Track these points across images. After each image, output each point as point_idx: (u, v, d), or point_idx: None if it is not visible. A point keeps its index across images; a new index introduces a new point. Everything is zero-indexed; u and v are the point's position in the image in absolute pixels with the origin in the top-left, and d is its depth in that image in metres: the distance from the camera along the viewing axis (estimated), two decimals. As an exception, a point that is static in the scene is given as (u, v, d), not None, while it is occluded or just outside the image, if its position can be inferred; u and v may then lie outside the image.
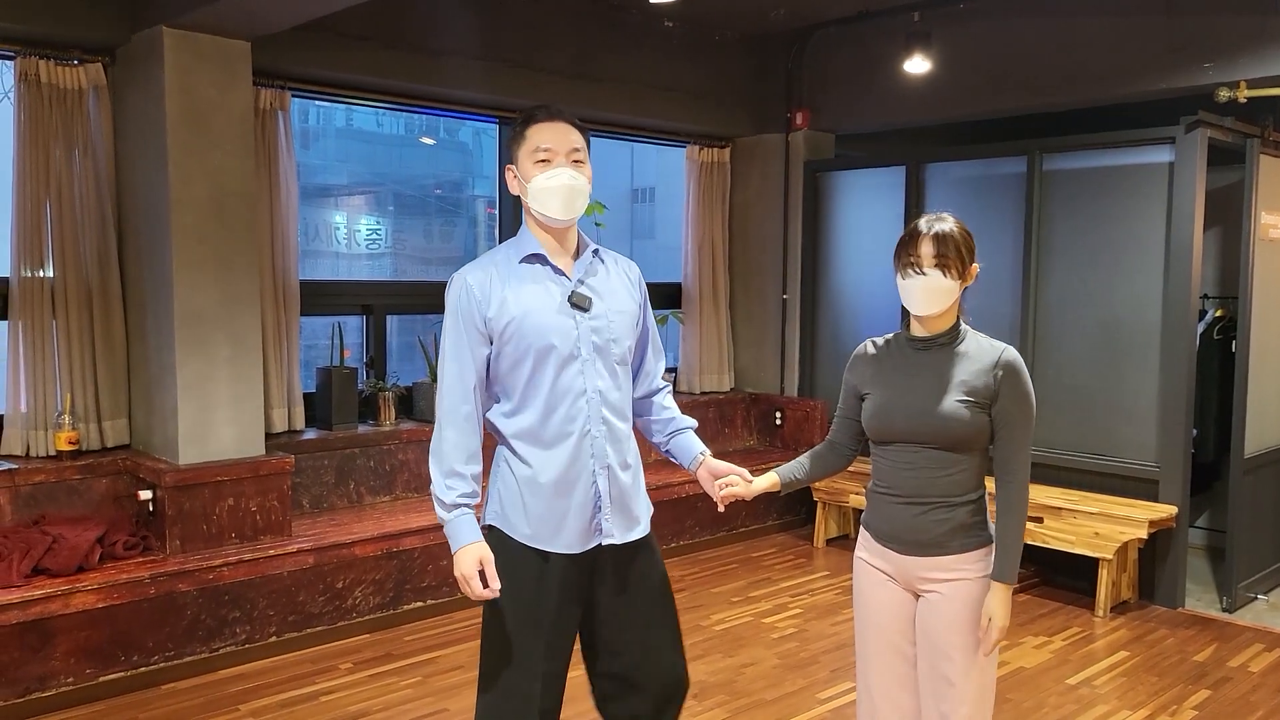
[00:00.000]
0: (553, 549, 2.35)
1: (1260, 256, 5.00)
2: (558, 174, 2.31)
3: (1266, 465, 5.26)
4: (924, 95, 5.89)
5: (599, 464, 2.36)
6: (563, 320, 2.33)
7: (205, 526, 4.20)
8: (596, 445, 2.36)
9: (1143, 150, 5.03)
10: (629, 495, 2.42)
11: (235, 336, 4.30)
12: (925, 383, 2.36)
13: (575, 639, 2.44)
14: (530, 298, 2.33)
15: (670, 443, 2.59)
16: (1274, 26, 4.64)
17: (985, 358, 2.35)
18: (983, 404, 2.32)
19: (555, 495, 2.34)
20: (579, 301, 2.35)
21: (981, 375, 2.33)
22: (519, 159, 2.36)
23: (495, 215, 6.17)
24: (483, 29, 5.29)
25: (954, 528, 2.34)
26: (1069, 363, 5.32)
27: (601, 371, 2.37)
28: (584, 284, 2.39)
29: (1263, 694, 4.02)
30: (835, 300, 6.47)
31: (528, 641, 2.34)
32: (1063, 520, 4.98)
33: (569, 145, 2.34)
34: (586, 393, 2.34)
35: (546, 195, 2.32)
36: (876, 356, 2.48)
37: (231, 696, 3.88)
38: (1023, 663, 4.32)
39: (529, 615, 2.34)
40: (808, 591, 5.22)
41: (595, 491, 2.36)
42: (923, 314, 2.37)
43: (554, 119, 2.35)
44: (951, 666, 2.35)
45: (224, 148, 4.21)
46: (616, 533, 2.39)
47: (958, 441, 2.32)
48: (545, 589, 2.34)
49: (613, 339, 2.39)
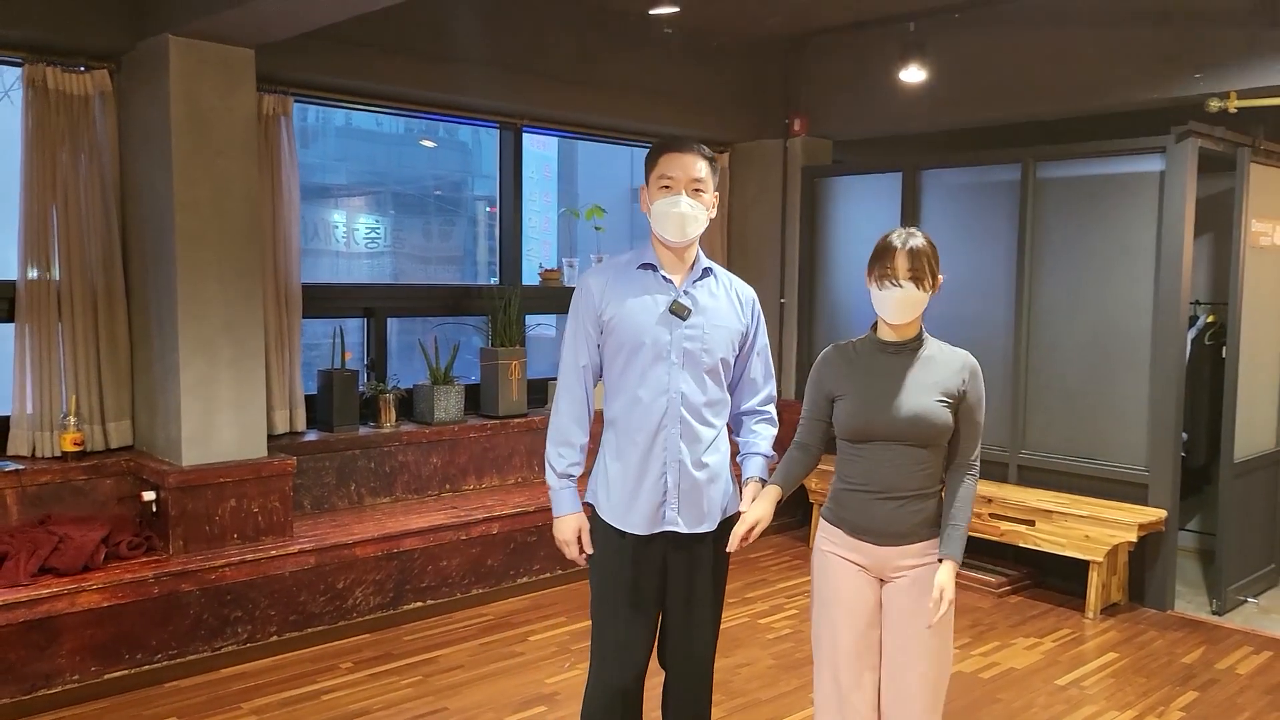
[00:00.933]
0: (625, 528, 2.62)
1: (1250, 263, 5.07)
2: (677, 202, 2.58)
3: (1256, 470, 5.32)
4: (920, 103, 5.96)
5: (671, 458, 2.60)
6: (659, 327, 2.59)
7: (208, 527, 4.26)
8: (670, 441, 2.60)
9: (1135, 159, 5.10)
10: (699, 492, 2.63)
11: (238, 339, 4.36)
12: (902, 385, 2.53)
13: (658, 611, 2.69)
14: (635, 300, 2.62)
15: (740, 460, 2.79)
16: (1264, 39, 4.71)
17: (953, 362, 2.57)
18: (954, 404, 2.54)
19: (629, 480, 2.61)
20: (678, 310, 2.60)
21: (952, 377, 2.55)
22: (649, 182, 2.64)
23: (496, 215, 6.22)
24: (484, 35, 5.35)
25: (925, 518, 2.56)
26: (1061, 367, 5.39)
27: (688, 376, 2.60)
28: (688, 295, 2.63)
29: (1250, 696, 4.09)
30: (832, 304, 6.54)
31: (610, 607, 2.65)
32: (1054, 523, 5.05)
33: (690, 176, 2.59)
34: (669, 392, 2.59)
35: (665, 220, 2.59)
36: (847, 360, 2.63)
37: (233, 695, 3.94)
38: (1013, 663, 4.38)
39: (612, 584, 2.65)
40: (803, 592, 5.28)
41: (664, 482, 2.60)
42: (897, 322, 2.55)
43: (682, 151, 2.61)
44: (920, 644, 2.54)
45: (227, 153, 4.27)
46: (681, 522, 2.62)
47: (932, 438, 2.52)
48: (623, 562, 2.63)
49: (705, 349, 2.61)
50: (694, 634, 2.70)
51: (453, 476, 5.38)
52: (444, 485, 5.35)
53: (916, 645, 2.54)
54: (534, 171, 9.93)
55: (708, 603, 2.72)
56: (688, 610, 2.68)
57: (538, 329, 6.17)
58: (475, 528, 4.90)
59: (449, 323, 5.81)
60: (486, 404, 5.64)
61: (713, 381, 2.65)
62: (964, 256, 5.71)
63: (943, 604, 2.47)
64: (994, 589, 5.30)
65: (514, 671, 4.21)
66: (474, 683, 4.09)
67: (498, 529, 4.98)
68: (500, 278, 6.11)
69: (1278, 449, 5.52)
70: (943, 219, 5.88)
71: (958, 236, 5.78)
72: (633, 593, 2.63)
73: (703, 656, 2.73)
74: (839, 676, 2.60)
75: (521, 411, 5.66)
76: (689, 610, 2.69)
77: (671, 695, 2.76)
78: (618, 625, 2.64)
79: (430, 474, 5.29)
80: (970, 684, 4.13)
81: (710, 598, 2.72)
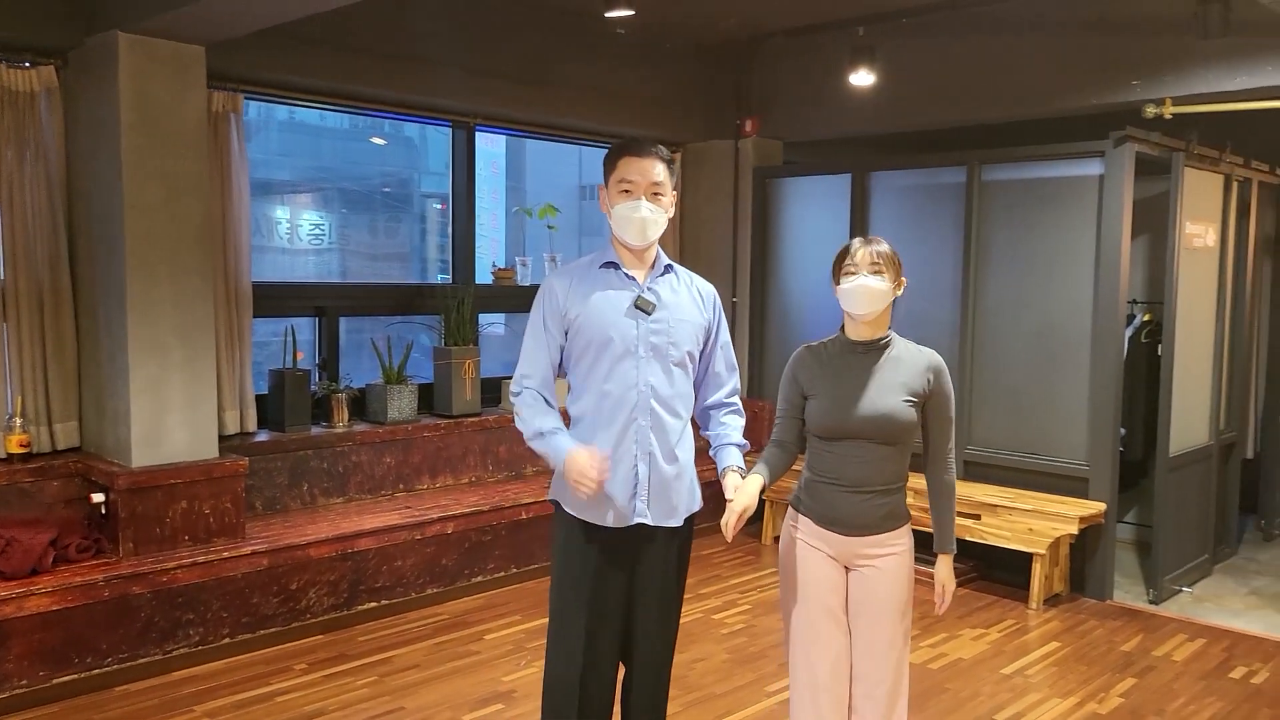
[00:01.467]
0: (594, 521, 2.65)
1: (1184, 264, 5.24)
2: (637, 206, 2.63)
3: (1190, 463, 5.51)
4: (869, 106, 6.07)
5: (641, 450, 2.65)
6: (626, 320, 2.64)
7: (158, 529, 4.21)
8: (641, 433, 2.65)
9: (1075, 162, 5.25)
10: (669, 485, 2.70)
11: (189, 339, 4.32)
12: (870, 384, 2.62)
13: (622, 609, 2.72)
14: (599, 297, 2.66)
15: (715, 451, 2.83)
16: (1197, 48, 4.88)
17: (919, 361, 2.67)
18: (919, 402, 2.64)
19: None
20: (643, 305, 2.66)
21: (918, 377, 2.65)
22: (608, 185, 2.69)
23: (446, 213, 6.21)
24: (438, 34, 5.34)
25: (888, 512, 2.66)
26: (1005, 365, 5.53)
27: (656, 369, 2.66)
28: (651, 291, 2.68)
29: (1185, 682, 4.24)
30: (783, 303, 6.63)
31: (573, 603, 2.68)
32: (999, 517, 5.18)
33: (649, 180, 2.64)
34: (638, 385, 2.64)
35: (626, 224, 2.64)
36: (818, 359, 2.72)
37: (186, 698, 3.90)
38: (960, 654, 4.50)
39: (576, 580, 2.68)
40: (756, 588, 5.36)
41: (636, 474, 2.64)
42: (861, 314, 2.62)
43: (641, 155, 2.65)
44: (882, 627, 2.66)
45: (177, 151, 4.22)
46: (655, 516, 2.67)
47: (897, 436, 2.62)
48: (590, 557, 2.66)
49: (671, 342, 2.68)
50: (659, 629, 2.75)
51: (407, 476, 5.37)
52: (398, 485, 5.33)
53: (881, 630, 2.66)
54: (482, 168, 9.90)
55: (673, 598, 2.78)
56: (653, 605, 2.73)
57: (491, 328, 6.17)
58: (430, 527, 4.90)
59: (400, 322, 5.79)
60: (440, 403, 5.63)
61: (680, 375, 2.70)
62: (912, 257, 5.76)
63: (947, 598, 2.70)
64: (941, 582, 5.42)
65: (470, 670, 4.22)
66: (430, 682, 4.10)
67: (452, 528, 4.99)
68: (453, 276, 6.10)
69: (1211, 443, 5.72)
70: (891, 220, 5.99)
71: (906, 237, 5.89)
72: (599, 587, 2.66)
73: (665, 651, 2.79)
74: (811, 660, 2.69)
75: (475, 411, 5.66)
76: (655, 605, 2.73)
77: (633, 690, 2.80)
78: (584, 620, 2.66)
79: (384, 474, 5.28)
80: (920, 674, 4.23)
81: (675, 593, 2.79)
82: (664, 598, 2.76)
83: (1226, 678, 4.29)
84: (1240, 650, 4.60)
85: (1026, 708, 3.96)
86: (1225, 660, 4.48)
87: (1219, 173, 5.55)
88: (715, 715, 3.84)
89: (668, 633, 2.79)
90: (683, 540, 2.78)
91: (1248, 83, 4.80)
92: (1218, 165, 5.49)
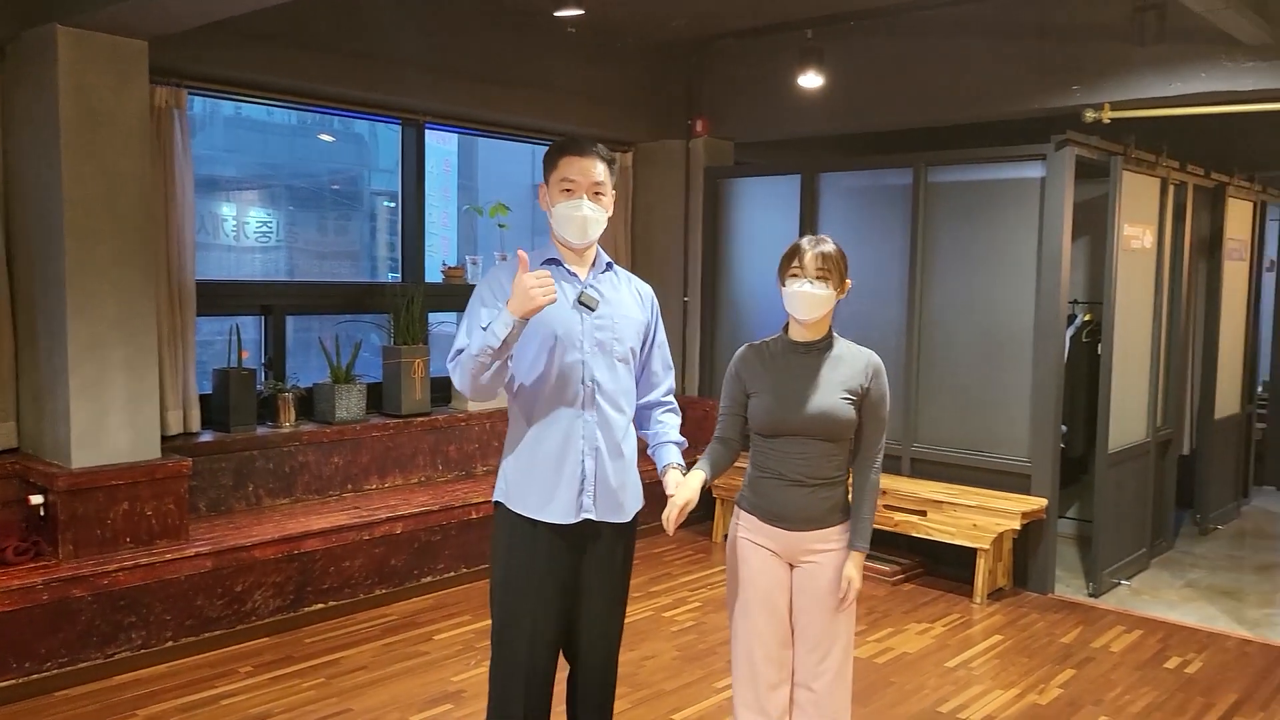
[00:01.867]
0: (543, 519, 2.63)
1: (1123, 265, 5.37)
2: (579, 206, 2.62)
3: (1129, 460, 5.64)
4: (818, 108, 6.14)
5: (588, 445, 2.65)
6: (570, 315, 2.64)
7: (99, 531, 4.14)
8: (588, 429, 2.64)
9: (1017, 165, 5.35)
10: (615, 480, 2.69)
11: (131, 338, 4.24)
12: (811, 383, 2.68)
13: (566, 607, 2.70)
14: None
15: (654, 450, 2.84)
16: (1135, 55, 5.01)
17: (858, 361, 2.73)
18: (858, 401, 2.70)
19: (548, 470, 2.63)
20: (587, 301, 2.66)
21: (856, 376, 2.71)
22: (549, 183, 2.67)
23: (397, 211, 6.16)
24: (389, 31, 5.31)
25: (832, 505, 2.72)
26: (950, 364, 5.62)
27: (601, 365, 2.66)
28: (593, 287, 2.69)
29: (1122, 672, 4.35)
30: (734, 302, 6.68)
31: (519, 603, 2.66)
32: (944, 513, 5.27)
33: (591, 179, 2.63)
34: (584, 381, 2.64)
35: (567, 223, 2.64)
36: (761, 358, 2.77)
37: (128, 702, 3.84)
38: (906, 648, 4.57)
39: (521, 580, 2.66)
40: (706, 585, 5.40)
41: (583, 469, 2.63)
42: (805, 319, 2.68)
43: (582, 154, 2.64)
44: (827, 622, 2.71)
45: (119, 147, 4.15)
46: (598, 511, 2.66)
47: (838, 433, 2.69)
48: (535, 555, 2.64)
49: (615, 338, 2.69)
50: (605, 627, 2.76)
51: (355, 476, 5.32)
52: (346, 485, 5.29)
53: (827, 625, 2.71)
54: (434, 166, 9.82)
55: (620, 595, 2.79)
56: (600, 602, 2.73)
57: (441, 326, 6.13)
58: (378, 527, 4.86)
59: (349, 320, 5.74)
60: (389, 403, 5.59)
61: (624, 370, 2.72)
62: (860, 258, 5.85)
63: (851, 593, 2.69)
64: (889, 578, 5.50)
65: (419, 671, 4.20)
66: (378, 683, 4.07)
67: (401, 529, 4.96)
68: (402, 275, 6.06)
69: (1148, 440, 5.87)
70: (840, 221, 6.07)
71: (854, 238, 5.96)
72: (545, 586, 2.65)
73: (612, 647, 2.80)
74: (753, 655, 2.73)
75: (425, 410, 5.63)
76: (602, 602, 2.74)
77: (580, 687, 2.80)
78: (530, 619, 2.65)
79: (332, 474, 5.23)
80: (866, 669, 4.29)
81: (622, 589, 2.79)
82: (611, 596, 2.77)
83: (1161, 668, 4.40)
84: (1175, 641, 4.73)
85: (969, 699, 4.03)
86: (1160, 651, 4.60)
87: (1156, 176, 5.69)
88: (664, 712, 3.87)
89: (614, 630, 2.80)
90: (629, 538, 2.79)
91: (1183, 88, 4.94)
92: (1155, 169, 5.64)
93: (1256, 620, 5.08)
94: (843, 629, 2.73)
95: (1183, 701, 4.05)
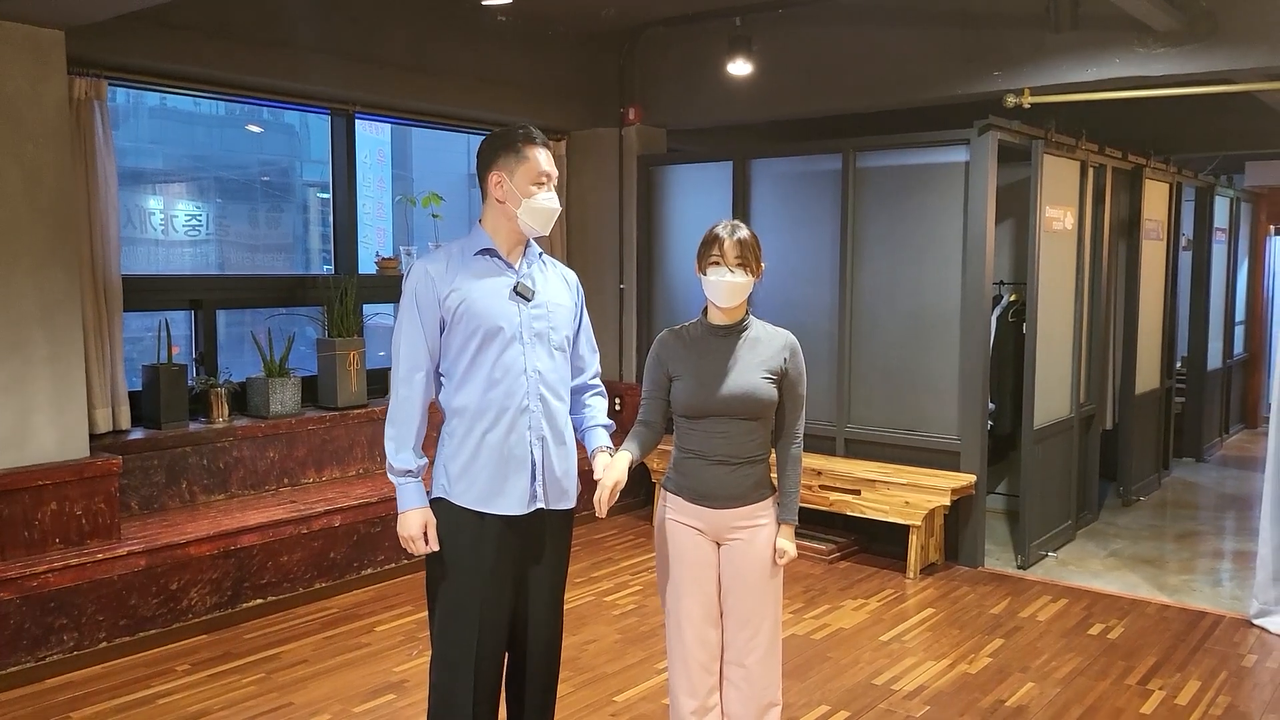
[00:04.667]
0: (493, 511, 2.64)
1: (1045, 246, 5.52)
2: (552, 197, 2.67)
3: (1054, 435, 5.82)
4: (748, 95, 6.20)
5: (535, 436, 2.66)
6: (508, 306, 2.64)
7: (27, 532, 4.06)
8: (534, 419, 2.66)
9: (942, 150, 5.48)
10: (560, 468, 2.73)
11: (54, 336, 4.15)
12: (731, 365, 2.75)
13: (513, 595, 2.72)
14: (480, 285, 2.64)
15: (583, 434, 2.89)
16: (1052, 42, 5.15)
17: (775, 341, 2.80)
18: (777, 379, 2.76)
19: (495, 462, 2.63)
20: (523, 291, 2.67)
21: (775, 356, 2.78)
22: (515, 174, 2.64)
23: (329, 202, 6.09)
24: (315, 20, 5.24)
25: (756, 482, 2.78)
26: (881, 346, 5.74)
27: (540, 354, 2.68)
28: (527, 276, 2.70)
29: (1049, 639, 4.50)
30: (669, 289, 6.73)
31: (467, 595, 2.65)
32: (877, 492, 5.39)
33: (555, 170, 2.70)
34: (526, 371, 2.65)
35: (539, 214, 2.66)
36: (681, 342, 2.84)
37: (61, 705, 3.78)
38: (842, 624, 4.67)
39: (469, 573, 2.65)
40: (647, 569, 5.45)
41: (531, 461, 2.66)
42: (727, 305, 2.76)
43: (545, 145, 2.69)
44: (756, 598, 2.78)
45: (37, 140, 4.05)
46: (550, 500, 2.70)
47: (759, 412, 2.74)
48: (483, 548, 2.65)
49: (551, 327, 2.71)
50: (551, 613, 2.79)
51: (291, 470, 5.28)
52: (282, 480, 5.24)
53: (755, 602, 2.77)
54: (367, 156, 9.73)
55: (562, 580, 2.83)
56: (546, 589, 2.76)
57: (376, 318, 6.09)
58: (316, 521, 4.83)
59: (283, 314, 5.67)
60: (325, 395, 5.55)
61: (560, 358, 2.74)
62: (791, 242, 5.99)
63: (783, 560, 2.79)
64: (825, 556, 5.61)
65: (361, 663, 4.20)
66: (319, 676, 4.06)
67: (340, 521, 4.93)
68: (335, 266, 6.00)
69: (1072, 415, 6.05)
70: (771, 206, 6.15)
71: (785, 223, 6.06)
72: (493, 576, 2.66)
73: (557, 632, 2.83)
74: (684, 633, 2.78)
75: (361, 402, 5.60)
76: (548, 589, 2.77)
77: (526, 674, 2.80)
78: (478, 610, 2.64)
79: (267, 469, 5.18)
80: (803, 645, 4.39)
81: (564, 574, 2.83)
82: (555, 581, 2.80)
83: (1085, 634, 4.57)
84: (1099, 609, 4.90)
85: (903, 671, 4.15)
86: (1085, 618, 4.77)
87: (1075, 159, 5.86)
88: (607, 694, 3.91)
89: (559, 615, 2.83)
90: (571, 523, 2.83)
91: (1099, 74, 5.09)
92: (1074, 152, 5.80)
93: (1176, 587, 5.28)
94: (771, 605, 2.79)
95: (1105, 665, 4.21)
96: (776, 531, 2.81)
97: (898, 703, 3.86)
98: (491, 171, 2.67)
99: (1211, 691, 3.97)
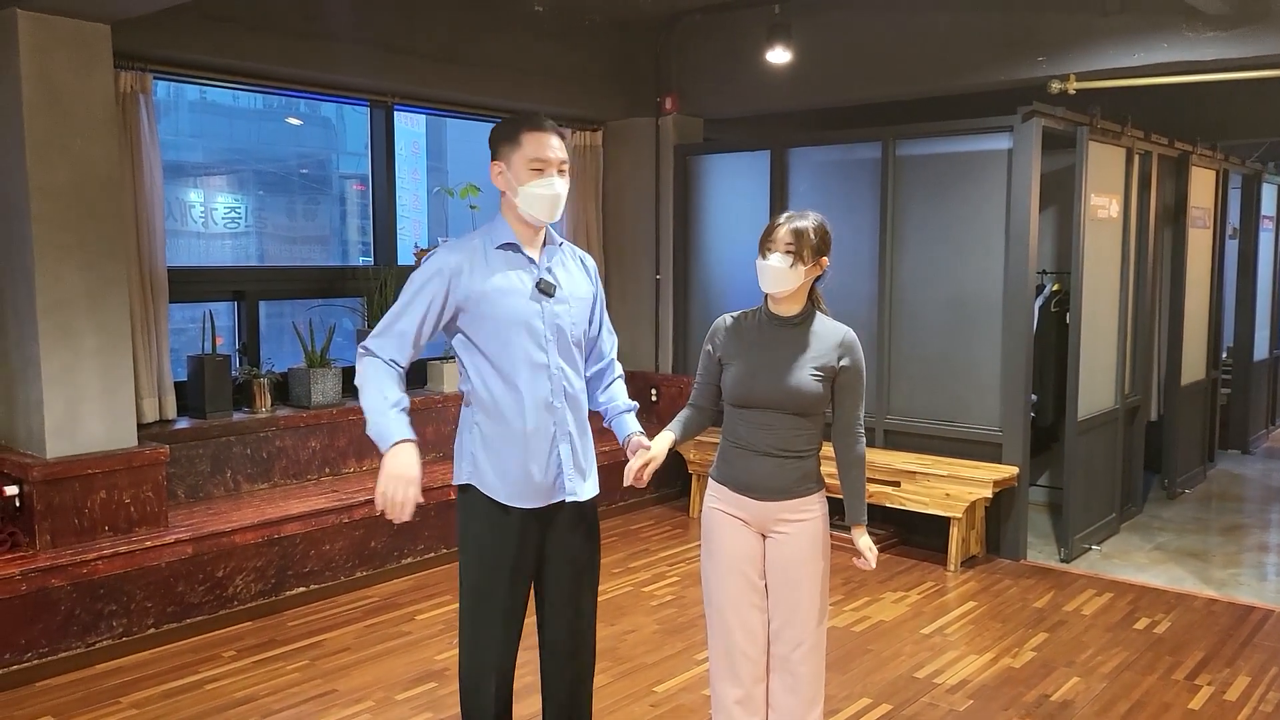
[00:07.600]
0: (519, 504, 2.63)
1: (1090, 234, 5.44)
2: (551, 184, 2.60)
3: (1098, 426, 5.74)
4: (786, 83, 6.15)
5: (561, 430, 2.67)
6: (532, 307, 2.63)
7: (77, 520, 4.13)
8: (559, 415, 2.66)
9: (985, 137, 5.40)
10: (584, 458, 2.74)
11: (103, 326, 4.22)
12: (782, 357, 2.70)
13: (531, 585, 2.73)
14: (505, 281, 2.61)
15: (611, 422, 2.88)
16: (1099, 25, 5.06)
17: (831, 338, 2.74)
18: (828, 377, 2.71)
19: (523, 458, 2.62)
20: (545, 288, 2.65)
21: (829, 353, 2.72)
22: (512, 161, 2.61)
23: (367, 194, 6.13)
24: (353, 12, 5.27)
25: (802, 475, 2.74)
26: (921, 336, 5.69)
27: (564, 349, 2.67)
28: (550, 271, 2.68)
29: (1093, 634, 4.45)
30: (705, 279, 6.70)
31: (492, 584, 2.66)
32: (917, 483, 5.35)
33: (560, 157, 2.63)
34: (550, 368, 2.64)
35: (539, 201, 2.60)
36: (737, 329, 2.80)
37: (111, 690, 3.85)
38: (882, 616, 4.64)
39: (494, 562, 2.65)
40: (684, 560, 5.45)
41: (558, 454, 2.66)
42: (770, 292, 2.72)
43: (548, 130, 2.62)
44: (800, 592, 2.74)
45: (85, 134, 4.11)
46: (576, 490, 2.70)
47: (806, 408, 2.70)
48: (506, 538, 2.64)
49: (573, 322, 2.70)
50: (583, 602, 2.78)
51: (333, 460, 5.33)
52: (324, 469, 5.29)
53: (799, 595, 2.74)
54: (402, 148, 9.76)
55: (595, 569, 2.82)
56: (581, 578, 2.76)
57: (415, 309, 6.12)
58: (357, 510, 4.88)
59: (322, 305, 5.72)
60: (365, 386, 5.58)
61: (578, 352, 2.74)
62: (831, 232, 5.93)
63: (872, 560, 2.79)
64: (864, 548, 5.57)
65: (402, 651, 4.23)
66: (362, 664, 4.10)
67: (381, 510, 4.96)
68: (374, 258, 6.04)
69: (1117, 407, 5.96)
70: (810, 196, 6.10)
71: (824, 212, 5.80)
72: (517, 569, 2.66)
73: (591, 623, 2.82)
74: (727, 623, 2.76)
75: (401, 392, 5.63)
76: (585, 578, 2.77)
77: (560, 664, 2.79)
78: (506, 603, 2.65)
79: (309, 458, 5.23)
80: (844, 637, 4.37)
81: (596, 564, 2.82)
82: (580, 569, 2.78)
83: (1131, 629, 4.51)
84: (1144, 603, 4.84)
85: (945, 665, 4.11)
86: (1130, 613, 4.71)
87: (1121, 146, 5.76)
88: (647, 684, 3.92)
89: (589, 604, 2.82)
90: (594, 513, 2.81)
91: (1145, 59, 5.00)
92: (1120, 139, 5.70)
93: (1223, 580, 5.20)
94: (816, 599, 2.75)
95: (1152, 660, 4.16)
96: (823, 525, 2.77)
97: (940, 696, 3.83)
98: (493, 161, 2.66)
99: (1262, 687, 3.90)
